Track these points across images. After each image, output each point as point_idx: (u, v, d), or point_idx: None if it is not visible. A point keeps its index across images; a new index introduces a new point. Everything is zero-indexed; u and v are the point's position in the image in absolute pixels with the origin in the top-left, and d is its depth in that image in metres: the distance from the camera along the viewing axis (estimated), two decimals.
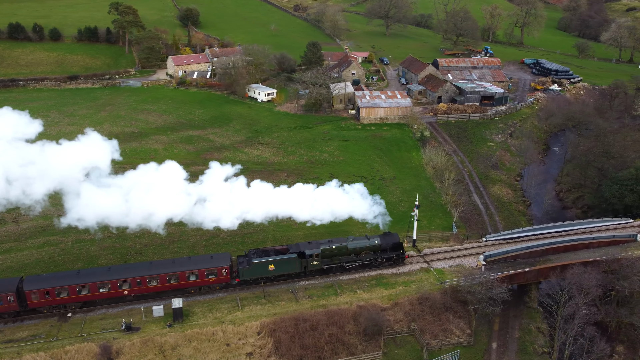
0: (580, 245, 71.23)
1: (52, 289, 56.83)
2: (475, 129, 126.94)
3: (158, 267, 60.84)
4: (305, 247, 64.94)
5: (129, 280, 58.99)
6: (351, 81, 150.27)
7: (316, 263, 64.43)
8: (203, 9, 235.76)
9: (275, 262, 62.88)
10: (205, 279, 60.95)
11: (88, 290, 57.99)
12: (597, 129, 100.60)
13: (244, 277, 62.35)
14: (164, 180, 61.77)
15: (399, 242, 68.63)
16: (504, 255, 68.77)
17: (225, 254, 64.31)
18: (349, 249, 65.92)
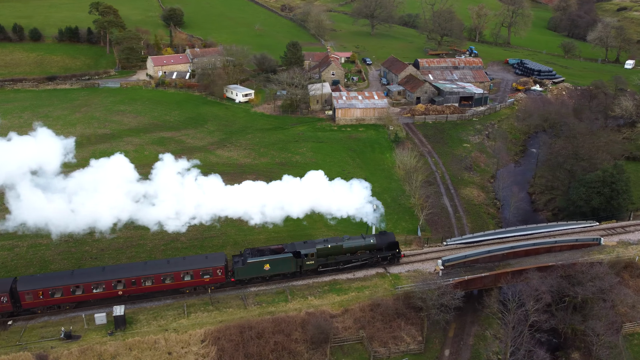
0: (541, 249, 69.98)
1: (46, 289, 56.89)
2: (452, 130, 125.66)
3: (153, 267, 60.81)
4: (301, 247, 64.96)
5: (123, 281, 58.96)
6: (331, 82, 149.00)
7: (311, 262, 64.43)
8: (189, 8, 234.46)
9: (270, 261, 62.94)
10: (200, 279, 61.02)
11: (82, 290, 58.03)
12: (567, 130, 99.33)
13: (239, 276, 62.42)
14: (111, 179, 60.19)
15: (395, 241, 68.54)
16: (463, 260, 67.51)
17: (220, 254, 64.29)
18: (345, 248, 65.82)
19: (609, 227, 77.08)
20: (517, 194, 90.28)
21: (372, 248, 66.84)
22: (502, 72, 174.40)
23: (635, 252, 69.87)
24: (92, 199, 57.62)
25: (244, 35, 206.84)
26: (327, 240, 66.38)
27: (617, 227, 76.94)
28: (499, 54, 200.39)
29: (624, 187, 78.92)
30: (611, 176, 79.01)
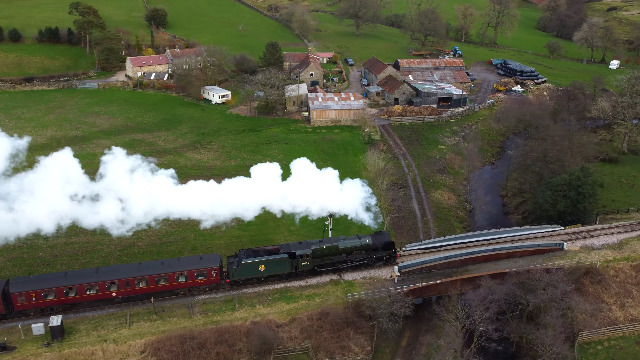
0: (501, 255, 68.45)
1: (38, 291, 56.37)
2: (428, 131, 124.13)
3: (147, 269, 60.19)
4: (296, 248, 64.42)
5: (117, 282, 58.49)
6: (309, 82, 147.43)
7: (307, 263, 64.03)
8: (173, 9, 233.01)
9: (265, 262, 62.38)
10: (194, 280, 60.61)
11: (75, 292, 57.48)
12: (540, 132, 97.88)
13: (234, 277, 61.97)
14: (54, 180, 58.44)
15: (391, 241, 68.09)
16: (420, 266, 65.97)
17: (215, 255, 63.86)
18: (340, 248, 65.39)
19: (573, 231, 75.57)
20: (483, 198, 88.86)
21: (367, 248, 66.58)
22: (485, 73, 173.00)
23: (597, 258, 68.37)
24: (32, 203, 55.89)
25: (228, 36, 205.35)
26: (322, 240, 66.02)
27: (582, 231, 75.49)
28: (484, 54, 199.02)
29: (590, 190, 77.43)
30: (577, 179, 77.53)
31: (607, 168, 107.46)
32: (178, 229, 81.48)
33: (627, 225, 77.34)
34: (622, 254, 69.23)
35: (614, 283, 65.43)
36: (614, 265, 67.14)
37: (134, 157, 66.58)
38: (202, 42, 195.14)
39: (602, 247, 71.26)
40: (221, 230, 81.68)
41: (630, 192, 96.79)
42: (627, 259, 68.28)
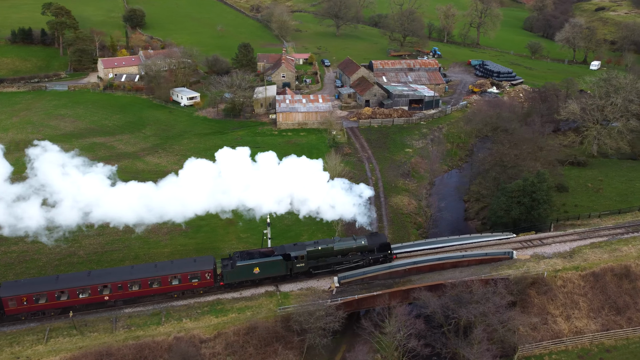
0: (447, 264, 66.27)
1: (29, 295, 55.70)
2: (396, 134, 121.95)
3: (140, 272, 59.62)
4: (291, 249, 63.77)
5: (109, 285, 58.01)
6: (281, 84, 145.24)
7: (302, 265, 63.34)
8: (154, 9, 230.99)
9: (260, 264, 61.69)
10: (188, 283, 60.13)
11: (67, 296, 56.91)
12: (495, 136, 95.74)
13: (228, 280, 61.39)
14: None
15: (387, 242, 67.49)
16: (361, 277, 63.76)
17: (209, 257, 63.36)
18: (336, 250, 64.78)
19: (526, 239, 73.38)
20: (437, 204, 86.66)
21: (363, 249, 65.87)
22: (462, 74, 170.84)
23: (545, 267, 66.18)
24: None
25: (206, 36, 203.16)
26: (317, 242, 65.50)
27: (535, 239, 73.33)
28: (465, 55, 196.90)
29: (545, 196, 75.25)
30: (532, 185, 75.38)
31: (575, 172, 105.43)
32: (123, 236, 79.20)
33: (582, 232, 75.18)
34: (572, 263, 67.06)
35: (561, 294, 63.25)
36: (562, 275, 64.97)
37: (72, 153, 64.41)
38: (179, 42, 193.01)
39: (553, 255, 69.08)
40: (166, 239, 79.70)
41: (594, 197, 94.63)
42: (577, 268, 66.10)
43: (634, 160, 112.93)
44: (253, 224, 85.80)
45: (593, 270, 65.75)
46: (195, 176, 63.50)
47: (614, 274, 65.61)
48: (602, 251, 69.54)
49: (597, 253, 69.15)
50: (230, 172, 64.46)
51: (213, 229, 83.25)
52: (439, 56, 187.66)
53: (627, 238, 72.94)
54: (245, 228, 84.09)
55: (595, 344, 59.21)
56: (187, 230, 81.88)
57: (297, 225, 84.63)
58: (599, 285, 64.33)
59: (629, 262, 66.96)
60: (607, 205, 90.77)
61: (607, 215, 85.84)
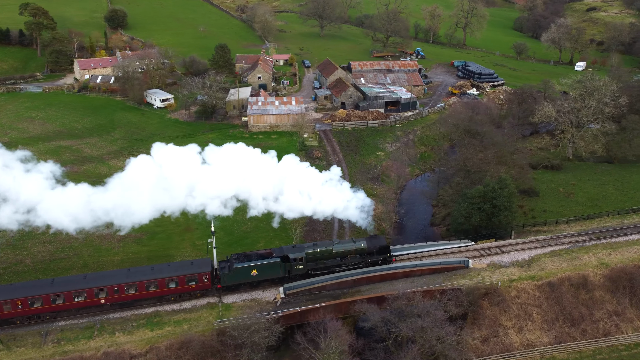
0: (399, 273, 64.19)
1: (24, 298, 55.31)
2: (370, 137, 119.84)
3: (136, 275, 59.22)
4: (289, 251, 63.39)
5: (105, 289, 57.55)
6: (257, 85, 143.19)
7: (300, 267, 62.93)
8: (138, 9, 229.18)
9: (258, 266, 61.28)
10: (185, 286, 59.74)
11: (63, 299, 56.58)
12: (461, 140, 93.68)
13: (225, 282, 61.04)
14: None
15: (386, 244, 67.16)
16: (308, 287, 61.68)
17: (206, 260, 62.90)
18: (335, 252, 64.51)
19: (485, 246, 71.29)
20: (393, 209, 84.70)
21: (362, 252, 65.49)
22: (444, 75, 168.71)
23: (500, 277, 64.09)
24: None
25: (188, 37, 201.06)
26: (316, 244, 65.27)
27: (493, 247, 71.25)
28: (450, 56, 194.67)
29: (506, 203, 73.05)
30: (492, 191, 73.25)
31: (548, 176, 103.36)
32: (74, 243, 77.16)
33: (543, 240, 73.09)
34: (529, 273, 64.98)
35: (514, 305, 61.19)
36: (517, 285, 62.89)
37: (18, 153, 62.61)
38: (160, 43, 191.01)
39: (511, 264, 66.99)
40: (118, 246, 77.65)
41: (565, 202, 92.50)
42: (533, 277, 64.03)
43: (610, 163, 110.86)
44: (209, 231, 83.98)
45: (550, 280, 63.68)
46: (141, 177, 61.74)
47: (571, 284, 63.55)
48: (561, 260, 67.46)
49: (555, 262, 67.07)
50: (175, 171, 62.66)
51: (169, 235, 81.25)
52: (422, 57, 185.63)
53: (589, 246, 70.85)
54: (202, 234, 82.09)
55: (546, 358, 57.18)
56: (141, 237, 80.00)
57: (254, 232, 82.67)
58: (554, 296, 62.25)
59: (588, 272, 64.88)
60: (576, 211, 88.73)
61: (575, 221, 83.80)
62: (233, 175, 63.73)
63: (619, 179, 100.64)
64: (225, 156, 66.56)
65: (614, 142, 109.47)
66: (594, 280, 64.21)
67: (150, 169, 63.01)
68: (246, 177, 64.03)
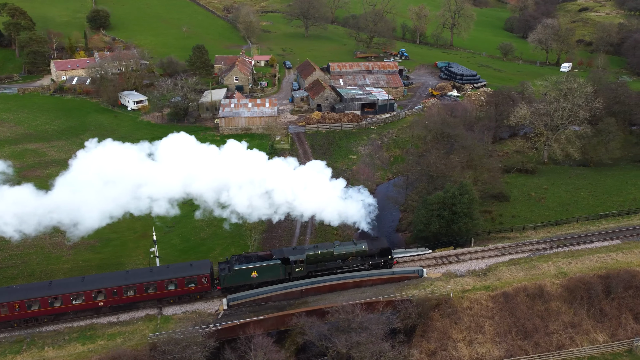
0: (349, 284, 62.00)
1: (22, 301, 54.72)
2: (343, 140, 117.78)
3: (135, 277, 58.60)
4: (290, 253, 62.66)
5: (104, 291, 57.03)
6: (234, 87, 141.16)
7: (301, 269, 62.08)
8: (123, 9, 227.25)
9: (258, 268, 60.58)
10: (184, 288, 59.09)
11: (61, 302, 55.92)
12: (422, 146, 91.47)
13: (225, 284, 60.22)
14: None
15: (387, 247, 66.31)
16: (253, 298, 59.51)
17: (205, 261, 62.52)
18: (335, 254, 63.73)
19: (442, 255, 69.04)
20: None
21: (363, 254, 64.66)
22: (426, 76, 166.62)
23: (454, 287, 61.90)
24: None
25: (171, 38, 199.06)
26: (317, 246, 64.55)
27: (451, 255, 69.07)
28: (436, 57, 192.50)
29: (466, 209, 70.86)
30: (452, 197, 71.06)
31: (521, 180, 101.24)
32: (24, 251, 75.12)
33: (503, 247, 70.90)
34: (484, 282, 62.81)
35: (466, 316, 59.02)
36: (470, 295, 60.71)
37: None
38: (142, 44, 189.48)
39: (467, 273, 64.80)
40: (70, 254, 75.58)
41: (535, 207, 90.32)
42: (488, 287, 61.85)
43: (586, 167, 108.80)
44: (167, 237, 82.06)
45: (504, 290, 61.50)
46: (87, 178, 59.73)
47: (527, 295, 61.37)
48: (519, 269, 65.28)
49: (513, 271, 64.89)
50: (121, 170, 60.71)
51: (124, 242, 79.22)
52: (406, 58, 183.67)
53: (550, 254, 68.66)
54: (158, 241, 79.91)
55: None
56: (94, 244, 77.99)
57: (212, 239, 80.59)
58: (508, 307, 60.08)
59: (545, 281, 62.70)
60: (545, 217, 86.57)
61: (543, 227, 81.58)
62: (182, 172, 61.35)
63: (593, 183, 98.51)
64: (173, 151, 63.79)
65: (590, 145, 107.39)
66: (551, 290, 62.05)
67: (96, 168, 60.60)
68: (197, 174, 61.72)
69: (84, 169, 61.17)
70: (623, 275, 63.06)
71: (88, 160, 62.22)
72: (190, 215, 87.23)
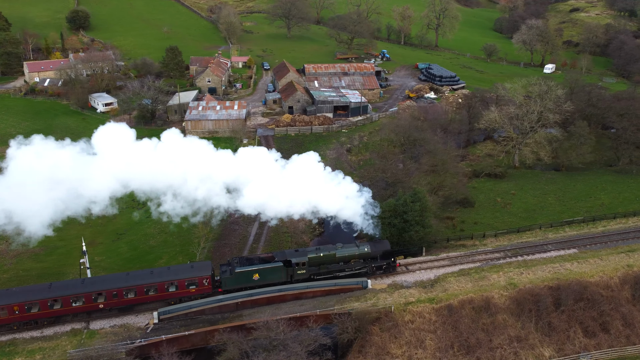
0: (288, 296, 59.75)
1: (21, 303, 54.47)
2: (312, 143, 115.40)
3: (135, 278, 58.28)
4: (292, 255, 62.32)
5: (104, 293, 56.76)
6: (207, 89, 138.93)
7: (303, 272, 61.84)
8: (106, 10, 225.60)
9: (259, 270, 60.26)
10: (185, 290, 58.72)
11: (61, 304, 55.68)
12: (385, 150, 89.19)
13: (226, 286, 59.92)
14: None
15: (390, 249, 66.01)
16: (186, 311, 57.22)
17: (206, 263, 62.54)
18: (338, 256, 63.50)
19: None
20: (319, 222, 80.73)
21: (366, 257, 64.35)
22: (406, 78, 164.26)
23: (397, 299, 59.59)
24: None
25: (152, 38, 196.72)
26: (319, 248, 64.18)
27: (400, 264, 66.73)
28: (419, 58, 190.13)
29: (418, 217, 68.58)
30: (404, 205, 68.77)
31: (490, 185, 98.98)
32: None
33: (455, 257, 68.62)
34: (430, 294, 60.51)
35: (407, 330, 56.71)
36: (412, 308, 58.41)
37: None
38: (121, 45, 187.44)
39: (413, 285, 62.51)
40: (11, 262, 73.31)
41: (500, 213, 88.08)
42: (432, 300, 59.55)
43: (558, 171, 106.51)
44: (114, 245, 79.85)
45: (449, 302, 59.20)
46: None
47: (473, 307, 59.09)
48: (468, 280, 63.00)
49: (461, 282, 62.61)
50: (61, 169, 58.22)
51: (69, 251, 76.79)
52: (388, 59, 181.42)
53: (502, 264, 66.42)
54: (106, 249, 77.91)
55: None
56: (39, 253, 75.73)
57: (161, 247, 78.24)
58: (451, 321, 57.78)
59: (492, 293, 60.41)
60: (509, 223, 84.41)
61: (504, 234, 79.51)
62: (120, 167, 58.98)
63: (562, 188, 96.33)
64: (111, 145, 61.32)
65: (561, 150, 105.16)
66: (499, 302, 59.76)
67: (36, 167, 57.95)
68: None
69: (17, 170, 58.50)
70: (574, 287, 60.80)
71: (19, 161, 59.30)
72: (143, 222, 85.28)
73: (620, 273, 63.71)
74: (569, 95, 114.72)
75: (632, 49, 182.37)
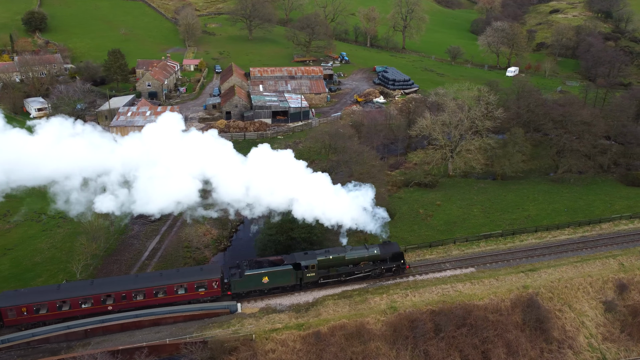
0: (145, 322, 55.34)
1: (30, 305, 54.05)
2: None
3: (144, 281, 58.12)
4: (301, 258, 61.43)
5: (113, 295, 56.49)
6: (147, 93, 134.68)
7: (312, 275, 61.25)
8: (70, 11, 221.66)
9: (269, 273, 59.72)
10: (194, 292, 58.47)
11: (69, 306, 55.45)
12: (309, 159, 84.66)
13: (236, 289, 59.58)
14: None
15: (400, 251, 65.96)
16: (28, 339, 52.82)
17: (215, 265, 62.93)
18: (347, 259, 63.00)
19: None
20: (228, 234, 76.68)
21: (375, 259, 64.11)
22: (361, 81, 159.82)
23: (264, 325, 55.11)
24: None
25: (110, 40, 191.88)
26: (328, 250, 63.14)
27: None
28: (383, 60, 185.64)
29: (304, 234, 64.27)
30: (291, 221, 64.44)
31: (417, 195, 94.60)
32: None
33: None
34: (300, 320, 56.06)
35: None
36: (276, 336, 53.95)
37: None
38: (76, 47, 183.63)
39: (288, 308, 58.11)
40: None
41: (419, 226, 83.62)
42: (301, 326, 55.09)
43: (493, 180, 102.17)
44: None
45: (319, 329, 54.75)
46: None
47: (344, 334, 54.65)
48: (347, 303, 58.57)
49: (339, 305, 58.20)
50: None
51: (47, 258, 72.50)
52: (347, 62, 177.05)
53: (389, 285, 62.06)
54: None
55: None
56: None
57: (46, 263, 73.36)
58: (317, 349, 53.32)
59: (368, 319, 55.98)
60: (425, 237, 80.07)
61: (414, 249, 75.16)
62: None
63: (491, 199, 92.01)
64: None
65: (495, 158, 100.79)
66: (374, 328, 55.33)
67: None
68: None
69: None
70: (457, 311, 56.38)
71: None
72: (37, 235, 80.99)
73: (514, 295, 59.27)
74: (515, 101, 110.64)
75: (598, 52, 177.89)
